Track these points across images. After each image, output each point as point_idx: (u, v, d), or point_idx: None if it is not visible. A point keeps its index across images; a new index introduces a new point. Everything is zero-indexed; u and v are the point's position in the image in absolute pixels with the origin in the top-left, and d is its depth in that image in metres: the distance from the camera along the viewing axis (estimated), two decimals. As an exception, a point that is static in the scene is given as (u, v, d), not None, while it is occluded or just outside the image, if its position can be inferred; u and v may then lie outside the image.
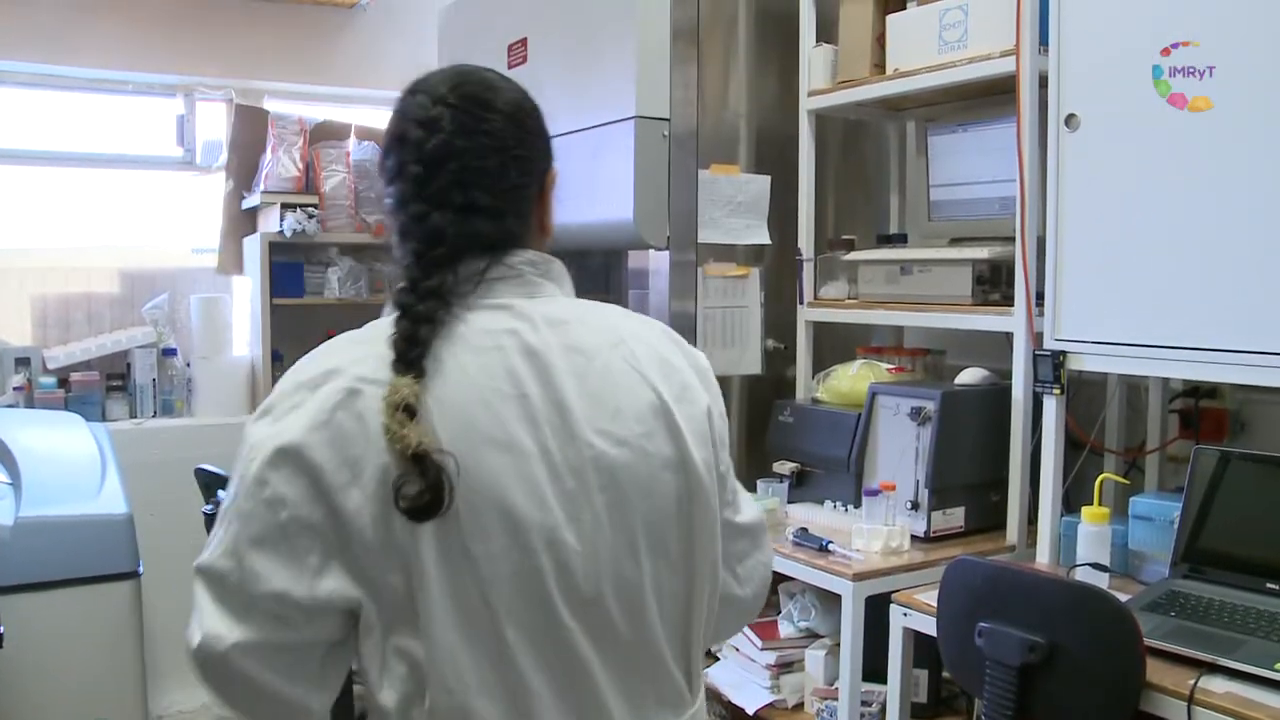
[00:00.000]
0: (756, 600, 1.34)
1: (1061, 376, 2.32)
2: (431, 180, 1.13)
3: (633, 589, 1.10)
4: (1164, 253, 2.11)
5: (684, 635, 1.17)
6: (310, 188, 3.95)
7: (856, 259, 2.94)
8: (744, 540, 1.30)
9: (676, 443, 1.13)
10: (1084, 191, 2.25)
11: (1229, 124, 1.93)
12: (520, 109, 1.21)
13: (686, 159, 2.88)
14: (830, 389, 2.85)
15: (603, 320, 1.18)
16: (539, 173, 1.22)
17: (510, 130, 1.18)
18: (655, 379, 1.15)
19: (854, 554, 2.43)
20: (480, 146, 1.15)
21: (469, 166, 1.14)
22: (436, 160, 1.13)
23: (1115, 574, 2.22)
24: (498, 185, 1.15)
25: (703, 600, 1.18)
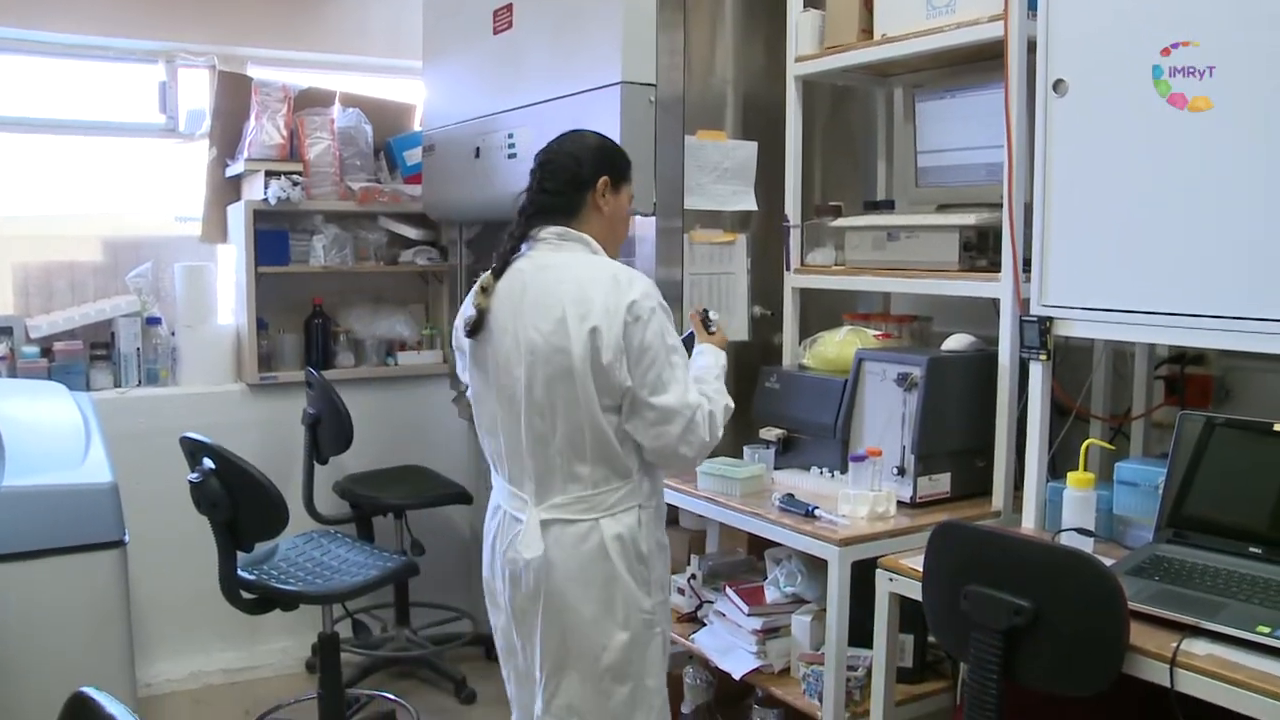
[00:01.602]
0: (665, 457, 2.11)
1: (1048, 342, 2.31)
2: (532, 179, 2.19)
3: (549, 407, 2.08)
4: (1151, 219, 2.09)
5: (575, 444, 2.08)
6: (295, 155, 3.90)
7: (843, 225, 2.92)
8: (653, 413, 2.06)
9: (566, 340, 2.04)
10: (1071, 157, 2.23)
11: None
12: (579, 148, 2.19)
13: (673, 125, 2.86)
14: (817, 355, 2.84)
15: (565, 268, 2.10)
16: (588, 179, 2.16)
17: (570, 160, 2.17)
18: (567, 302, 2.05)
19: (840, 520, 2.43)
20: (554, 165, 2.17)
21: (547, 174, 2.17)
22: (535, 170, 2.19)
23: (1100, 539, 2.22)
24: (556, 183, 2.15)
25: (583, 430, 2.07)
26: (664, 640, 2.20)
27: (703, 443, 2.08)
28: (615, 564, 2.10)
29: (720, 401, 2.16)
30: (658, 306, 2.07)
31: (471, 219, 3.92)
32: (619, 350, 2.02)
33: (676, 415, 2.04)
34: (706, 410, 2.09)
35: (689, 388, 2.08)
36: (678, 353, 2.08)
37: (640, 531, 2.13)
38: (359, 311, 4.14)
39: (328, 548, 3.24)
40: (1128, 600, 1.76)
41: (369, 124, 4.09)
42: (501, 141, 3.28)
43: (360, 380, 4.06)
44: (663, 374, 2.04)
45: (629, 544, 2.11)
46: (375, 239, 4.10)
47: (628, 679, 2.14)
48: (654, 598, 2.16)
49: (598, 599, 2.10)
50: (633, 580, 2.12)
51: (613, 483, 2.10)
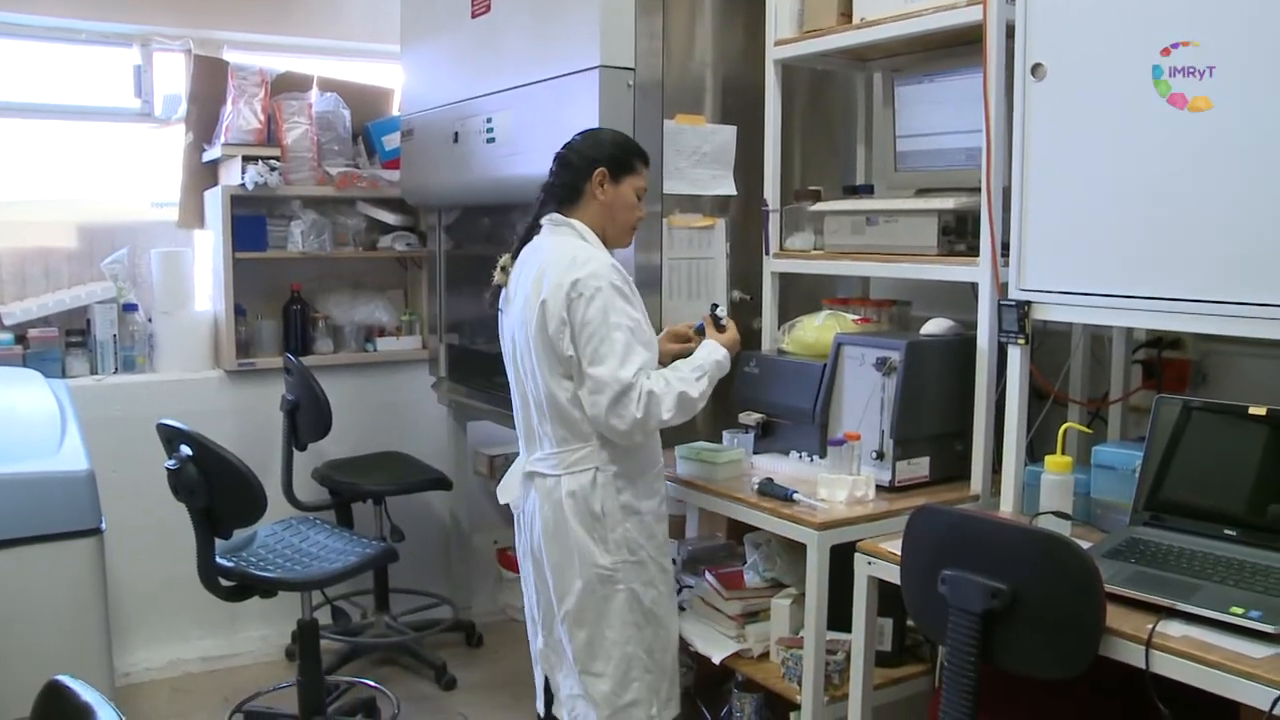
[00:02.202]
0: (599, 426, 2.28)
1: (1026, 327, 2.32)
2: (549, 172, 2.46)
3: (527, 372, 2.38)
4: (1129, 203, 2.09)
5: (540, 406, 2.37)
6: (272, 140, 3.86)
7: (822, 210, 2.92)
8: (590, 382, 2.26)
9: (531, 313, 2.32)
10: (1050, 142, 2.23)
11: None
12: (585, 140, 2.44)
13: (651, 109, 2.85)
14: (796, 340, 2.84)
15: (547, 250, 2.37)
16: (583, 169, 2.40)
17: (573, 152, 2.43)
18: (530, 280, 2.34)
19: (819, 504, 2.42)
20: (561, 157, 2.44)
21: (555, 165, 2.45)
22: (553, 162, 2.45)
23: (1077, 522, 2.23)
24: (559, 173, 2.43)
25: (544, 394, 2.34)
26: (630, 598, 2.35)
27: (634, 419, 2.23)
28: (569, 518, 2.33)
29: (676, 388, 2.27)
30: (606, 286, 2.25)
31: (450, 204, 3.90)
32: (562, 322, 2.26)
33: (606, 386, 2.23)
34: (645, 389, 2.23)
35: (627, 364, 2.22)
36: (621, 330, 2.24)
37: (594, 491, 2.32)
38: (337, 297, 4.12)
39: (307, 534, 3.23)
40: (1104, 583, 1.76)
41: (347, 109, 4.05)
42: (480, 126, 3.26)
43: (339, 366, 4.04)
44: (600, 347, 2.23)
45: (581, 501, 2.33)
46: (354, 224, 4.07)
47: (584, 625, 2.36)
48: (613, 556, 2.34)
49: (560, 548, 2.36)
50: (586, 535, 2.33)
51: (572, 444, 2.34)
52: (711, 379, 2.38)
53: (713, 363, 2.39)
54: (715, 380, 2.40)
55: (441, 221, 4.01)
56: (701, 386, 2.33)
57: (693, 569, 2.85)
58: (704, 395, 2.35)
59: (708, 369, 2.37)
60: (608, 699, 2.38)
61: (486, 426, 4.03)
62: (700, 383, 2.33)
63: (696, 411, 2.36)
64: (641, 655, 2.39)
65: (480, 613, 4.21)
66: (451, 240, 4.02)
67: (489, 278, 2.55)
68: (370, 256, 4.15)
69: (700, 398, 2.33)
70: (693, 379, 2.33)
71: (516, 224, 3.59)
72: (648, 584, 2.39)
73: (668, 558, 2.48)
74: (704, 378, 2.35)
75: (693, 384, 2.32)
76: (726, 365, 2.44)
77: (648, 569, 2.39)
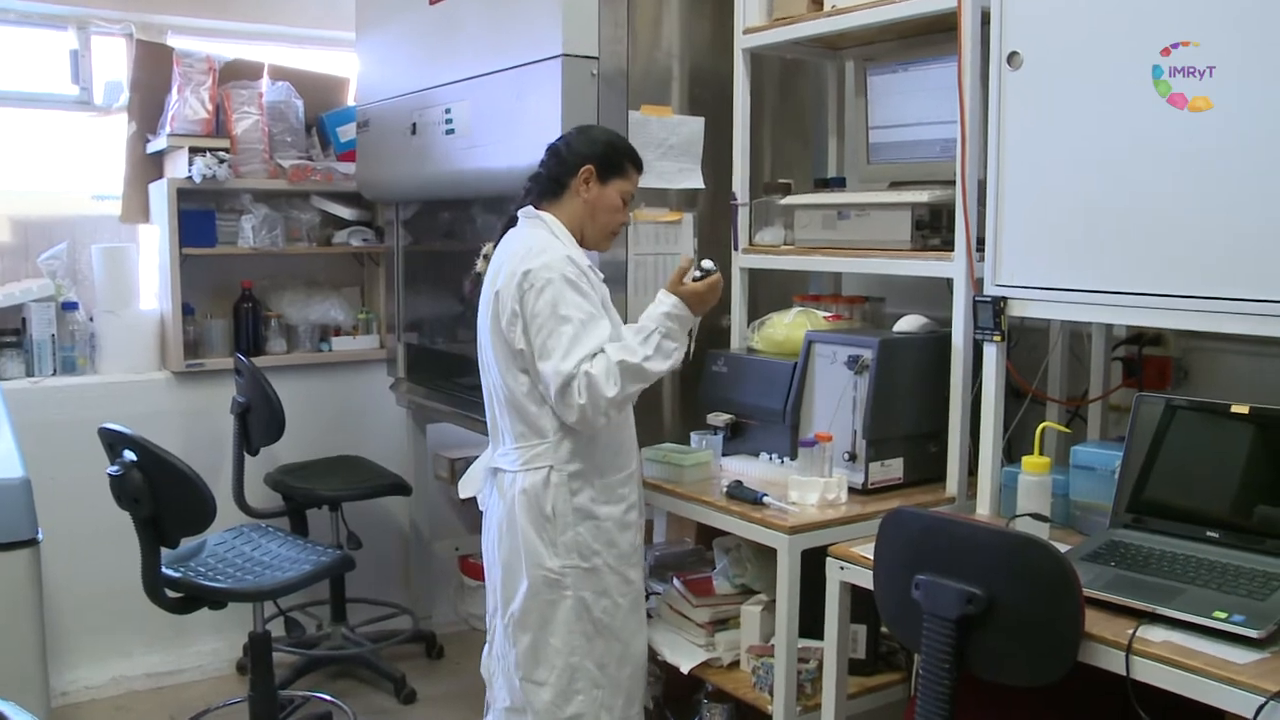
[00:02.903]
0: (563, 417, 2.29)
1: (1002, 323, 2.32)
2: (540, 162, 2.48)
3: (488, 364, 2.42)
4: (1108, 196, 2.10)
5: (499, 400, 2.41)
6: (220, 130, 3.80)
7: (793, 203, 2.91)
8: (541, 378, 2.28)
9: (486, 305, 2.38)
10: (1026, 132, 2.23)
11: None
12: (577, 136, 2.46)
13: (616, 100, 2.84)
14: (765, 338, 2.84)
15: (513, 242, 2.39)
16: (570, 165, 2.41)
17: (563, 146, 2.45)
18: (493, 270, 2.40)
19: (790, 507, 2.42)
20: (551, 150, 2.46)
21: (544, 158, 2.46)
22: (545, 153, 2.47)
23: (1056, 524, 2.23)
24: (546, 166, 2.44)
25: (499, 388, 2.39)
26: (577, 606, 2.34)
27: (579, 406, 2.23)
28: (518, 516, 2.35)
29: (614, 359, 2.22)
30: (557, 278, 2.25)
31: (409, 198, 3.87)
32: (514, 315, 2.29)
33: (551, 381, 2.25)
34: (584, 374, 2.22)
35: (570, 356, 2.22)
36: (570, 322, 2.24)
37: (547, 491, 2.32)
38: (291, 295, 4.07)
39: (259, 542, 3.20)
40: (1083, 587, 1.76)
41: (300, 98, 4.00)
42: (439, 117, 3.24)
43: (292, 367, 3.99)
44: (547, 341, 2.25)
45: (533, 500, 2.33)
46: (307, 219, 4.02)
47: (528, 630, 2.37)
48: (562, 560, 2.34)
49: (509, 547, 2.38)
50: (536, 536, 2.33)
51: (529, 440, 2.36)
52: (665, 333, 2.28)
53: (659, 316, 2.29)
54: (672, 333, 2.29)
55: (399, 216, 3.97)
56: (648, 349, 2.25)
57: (660, 575, 2.85)
58: (661, 352, 2.26)
59: (653, 326, 2.28)
60: (549, 710, 2.35)
61: (447, 429, 3.99)
62: (646, 345, 2.26)
63: (657, 372, 2.27)
64: (589, 668, 2.36)
65: (441, 623, 4.18)
66: (410, 235, 3.99)
67: (450, 274, 2.52)
68: (325, 252, 4.11)
69: (651, 360, 2.25)
70: (636, 343, 2.26)
71: (478, 218, 3.63)
72: (600, 593, 2.37)
73: (634, 569, 2.44)
74: (651, 335, 2.27)
75: (635, 349, 2.25)
76: (681, 314, 2.30)
77: (601, 578, 2.36)
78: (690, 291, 2.34)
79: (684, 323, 2.33)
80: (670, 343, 2.30)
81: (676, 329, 2.31)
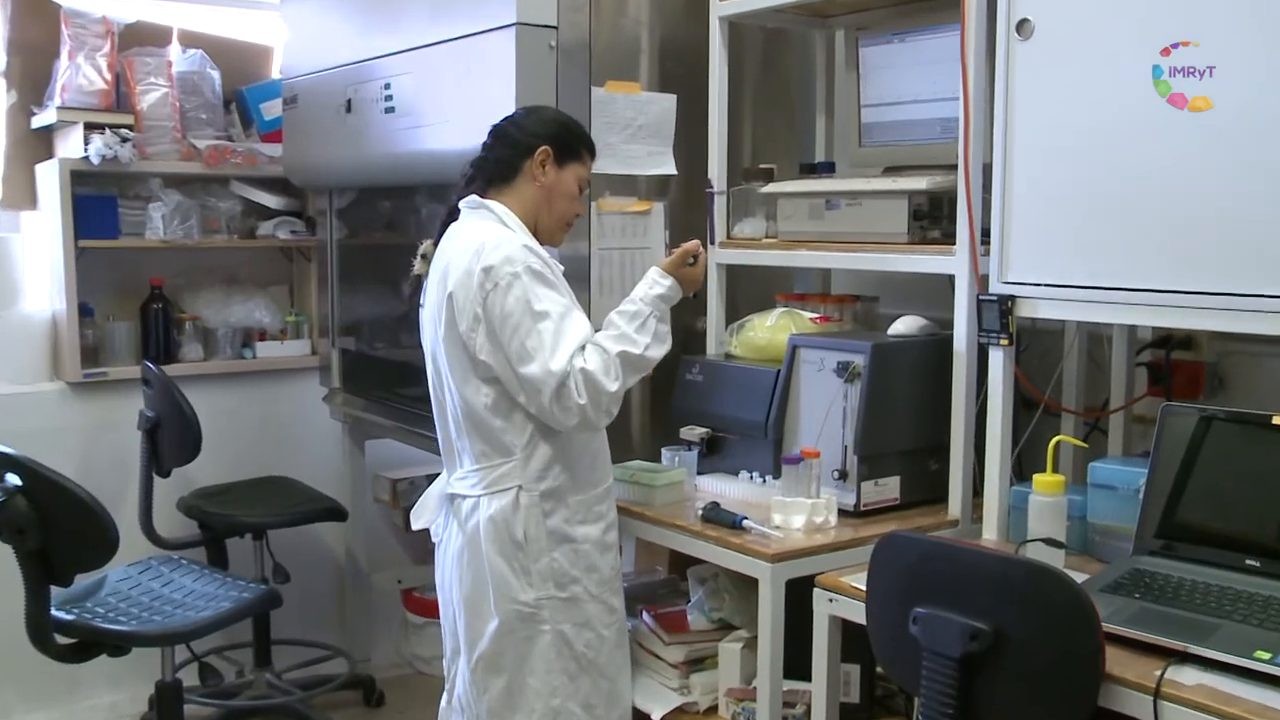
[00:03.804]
0: (558, 426, 2.28)
1: (1010, 325, 2.33)
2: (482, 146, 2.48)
3: (438, 376, 2.42)
4: (1130, 181, 2.10)
5: (457, 416, 2.38)
6: (122, 104, 3.76)
7: (776, 191, 2.92)
8: (526, 384, 2.25)
9: (437, 310, 2.36)
10: (1038, 110, 2.24)
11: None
12: (529, 115, 2.47)
13: (577, 74, 2.84)
14: (745, 342, 2.85)
15: (460, 237, 2.37)
16: (526, 145, 2.40)
17: (514, 125, 2.44)
18: (438, 273, 2.38)
19: (773, 532, 2.42)
20: (498, 130, 2.45)
21: (490, 139, 2.46)
22: (488, 136, 2.47)
23: (1072, 551, 2.24)
24: (495, 148, 2.44)
25: (457, 403, 2.37)
26: (557, 641, 2.34)
27: (579, 407, 2.22)
28: (483, 546, 2.33)
29: (613, 351, 2.26)
30: (523, 271, 2.25)
31: (343, 184, 3.86)
32: (476, 319, 2.27)
33: (543, 385, 2.23)
34: (579, 370, 2.22)
35: (558, 354, 2.22)
36: (548, 319, 2.24)
37: (517, 515, 2.31)
38: (208, 295, 4.04)
39: (169, 577, 3.17)
40: (1103, 621, 1.75)
41: (216, 69, 3.98)
42: (377, 93, 3.23)
43: (211, 376, 3.97)
44: (526, 342, 2.24)
45: (501, 526, 2.32)
46: (227, 208, 4.00)
47: (502, 672, 2.35)
48: (537, 590, 2.33)
49: (473, 581, 2.36)
50: (505, 566, 2.32)
51: (493, 459, 2.35)
52: (660, 316, 2.34)
53: (653, 299, 2.34)
54: (665, 316, 2.36)
55: (333, 205, 3.96)
56: (645, 337, 2.30)
57: (630, 609, 2.82)
58: (658, 338, 2.33)
59: (647, 309, 2.33)
60: None
61: (389, 445, 3.97)
62: (642, 333, 2.30)
63: (656, 359, 2.34)
64: (575, 710, 2.36)
65: (381, 666, 4.15)
66: (345, 227, 3.98)
67: (391, 271, 2.51)
68: (248, 246, 4.09)
69: (650, 347, 2.31)
70: (631, 330, 2.30)
71: (422, 208, 3.60)
72: (582, 625, 2.37)
73: (617, 596, 2.45)
74: (647, 320, 2.32)
75: (632, 338, 2.29)
76: (674, 299, 2.38)
77: (582, 608, 2.36)
78: (689, 276, 2.41)
79: (672, 302, 2.40)
80: (664, 326, 2.36)
81: (667, 312, 2.37)
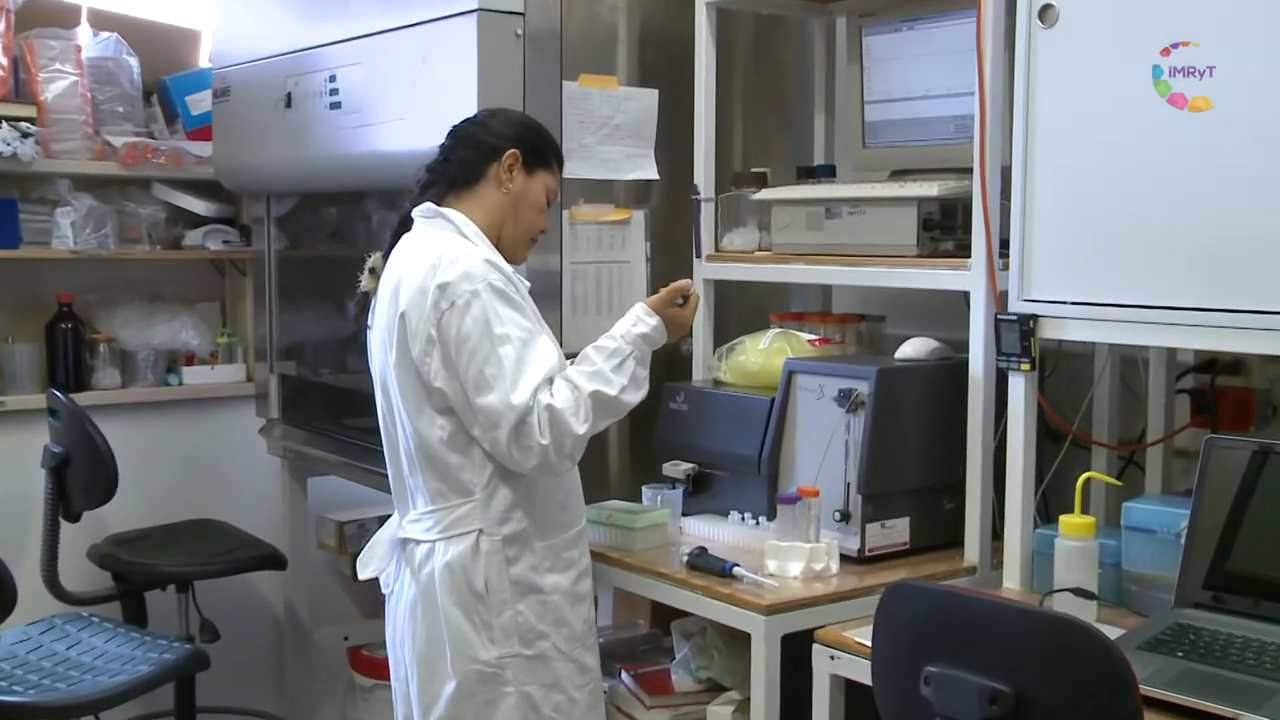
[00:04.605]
0: (516, 467, 2.27)
1: (1032, 347, 2.33)
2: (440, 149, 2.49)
3: (388, 407, 2.43)
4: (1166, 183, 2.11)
5: (409, 451, 2.37)
6: (22, 94, 3.76)
7: (770, 198, 2.93)
8: (481, 415, 2.24)
9: (388, 333, 2.35)
10: (1063, 107, 2.24)
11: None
12: (495, 116, 2.50)
13: (547, 67, 2.85)
14: (736, 367, 2.86)
15: (413, 250, 2.37)
16: (492, 146, 2.41)
17: (476, 130, 2.45)
18: (389, 290, 2.36)
19: (766, 580, 2.42)
20: (459, 131, 2.47)
21: (449, 140, 2.47)
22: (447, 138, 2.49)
23: (1105, 603, 2.24)
24: (456, 149, 2.45)
25: (409, 437, 2.35)
26: (521, 705, 2.33)
27: (540, 447, 2.21)
28: (439, 597, 2.32)
29: (585, 390, 2.25)
30: (484, 289, 2.24)
31: (282, 189, 3.86)
32: (430, 341, 2.26)
33: (501, 419, 2.22)
34: (544, 406, 2.21)
35: (520, 385, 2.22)
36: (510, 343, 2.24)
37: (477, 562, 2.30)
38: (126, 313, 4.02)
39: (77, 638, 3.16)
40: (1140, 684, 1.74)
41: (134, 55, 3.98)
42: (321, 85, 3.24)
43: (129, 406, 3.96)
44: (485, 369, 2.23)
45: (459, 575, 2.31)
46: (148, 214, 3.99)
47: None
48: (499, 648, 2.31)
49: (428, 637, 2.36)
50: (464, 620, 2.31)
51: (450, 499, 2.34)
52: (639, 359, 2.34)
53: (635, 338, 2.33)
54: (645, 360, 2.35)
55: (271, 212, 3.96)
56: (623, 378, 2.30)
57: (606, 667, 2.81)
58: (635, 382, 2.32)
59: (628, 348, 2.32)
60: None
61: (334, 484, 3.95)
62: (619, 373, 2.29)
63: (630, 406, 2.33)
64: None
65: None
66: (285, 237, 3.98)
67: (337, 287, 2.49)
68: (173, 258, 4.09)
69: (626, 390, 2.30)
70: (608, 369, 2.29)
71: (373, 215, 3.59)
72: (550, 686, 2.36)
73: (590, 652, 2.44)
74: (626, 360, 2.31)
75: (608, 377, 2.28)
76: (658, 341, 2.38)
77: (551, 667, 2.35)
78: (677, 319, 2.42)
79: (656, 345, 2.39)
80: (643, 371, 2.35)
81: (648, 355, 2.37)
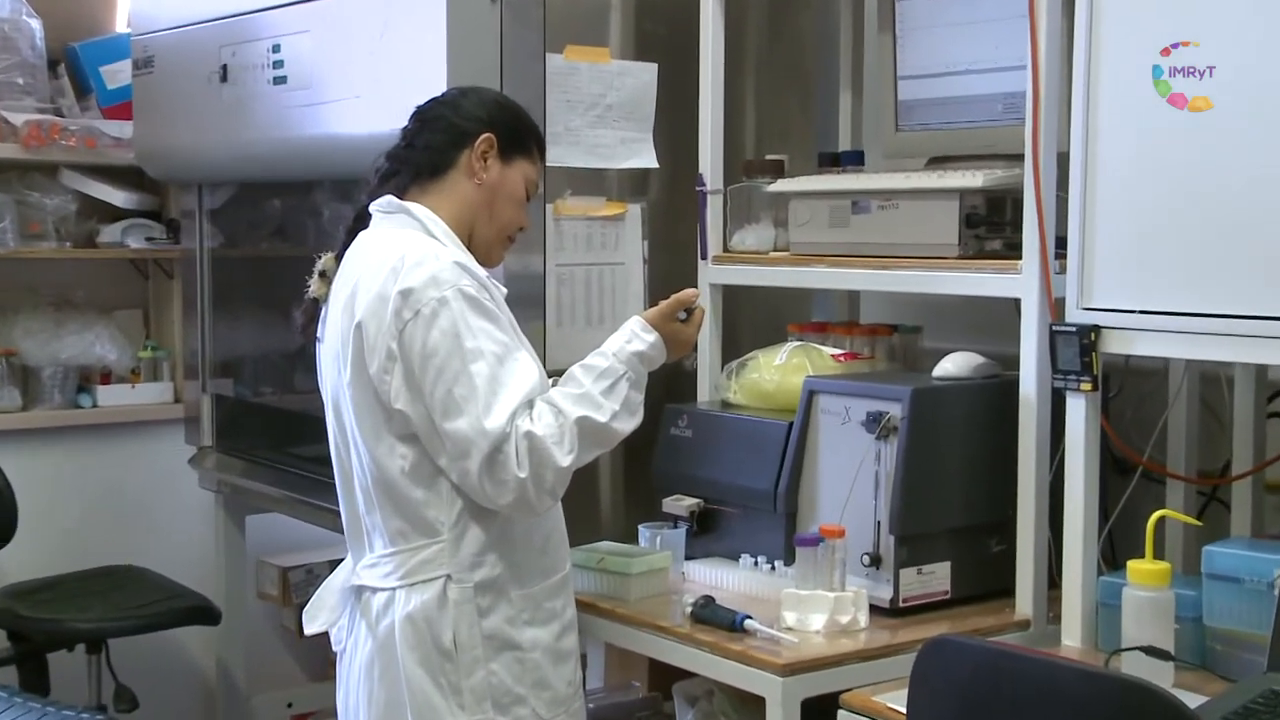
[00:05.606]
0: (487, 503, 2.24)
1: (1094, 364, 2.33)
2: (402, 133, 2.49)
3: (342, 433, 2.40)
4: (1255, 172, 2.10)
5: (365, 485, 2.35)
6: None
7: (787, 190, 2.93)
8: (448, 442, 2.22)
9: (342, 346, 2.32)
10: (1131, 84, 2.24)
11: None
12: (467, 96, 2.48)
13: (528, 37, 2.86)
14: (748, 386, 2.86)
15: (371, 251, 2.36)
16: (463, 130, 2.40)
17: (448, 107, 2.45)
18: (343, 297, 2.34)
19: (784, 635, 2.41)
20: (426, 112, 2.46)
21: (414, 123, 2.46)
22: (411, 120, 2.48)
23: (1184, 664, 2.23)
24: (422, 134, 2.43)
25: (365, 468, 2.34)
26: None
27: (518, 481, 2.20)
28: (400, 654, 2.30)
29: (571, 415, 2.24)
30: (452, 297, 2.22)
31: (217, 178, 3.88)
32: (390, 356, 2.24)
33: (472, 447, 2.20)
34: (523, 434, 2.19)
35: (495, 408, 2.20)
36: (483, 358, 2.22)
37: (444, 613, 2.28)
38: (29, 322, 4.04)
39: (-38, 711, 3.17)
40: (1225, 758, 1.74)
41: (36, 17, 4.00)
42: (262, 56, 3.26)
43: (32, 432, 3.97)
44: (454, 390, 2.21)
45: (423, 629, 2.29)
46: (56, 206, 4.00)
47: None
48: (469, 713, 2.29)
49: (386, 701, 2.34)
50: (429, 681, 2.28)
51: (412, 541, 2.32)
52: (634, 381, 2.33)
53: (630, 357, 2.32)
54: (640, 382, 2.34)
55: (204, 205, 3.98)
56: (613, 404, 2.28)
57: (597, 738, 2.81)
58: (628, 408, 2.31)
59: (621, 369, 2.31)
60: None
61: (276, 522, 3.98)
62: (610, 397, 2.28)
63: (622, 435, 2.33)
64: None
65: (263, 819, 4.12)
66: (221, 234, 3.99)
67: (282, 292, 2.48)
68: (86, 257, 4.11)
69: (618, 417, 2.29)
70: (597, 392, 2.28)
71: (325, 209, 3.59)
72: None
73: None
74: (618, 382, 2.30)
75: (597, 401, 2.27)
76: (657, 359, 2.38)
77: None
78: (679, 335, 2.42)
79: (654, 365, 2.39)
80: (637, 395, 2.34)
81: (644, 377, 2.36)
